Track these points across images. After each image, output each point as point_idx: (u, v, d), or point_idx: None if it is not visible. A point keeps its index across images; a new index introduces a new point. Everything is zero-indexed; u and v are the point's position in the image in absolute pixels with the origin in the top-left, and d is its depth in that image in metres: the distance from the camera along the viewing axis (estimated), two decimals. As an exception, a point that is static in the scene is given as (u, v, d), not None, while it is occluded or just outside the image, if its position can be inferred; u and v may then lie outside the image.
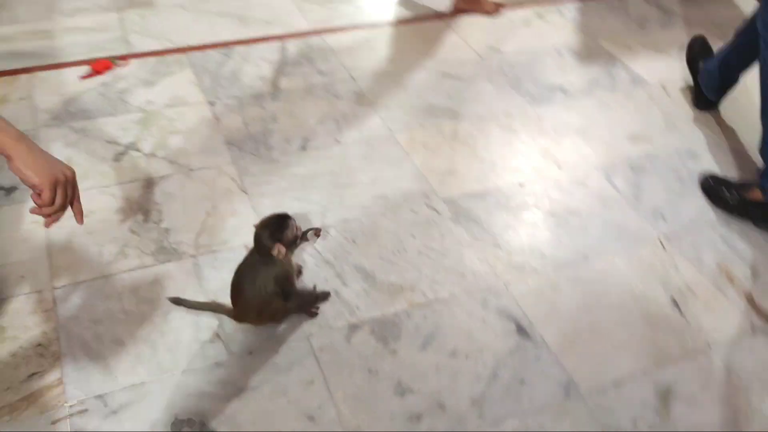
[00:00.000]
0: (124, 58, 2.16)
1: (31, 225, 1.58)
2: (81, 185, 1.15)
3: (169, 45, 2.24)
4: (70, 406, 1.24)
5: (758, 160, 1.80)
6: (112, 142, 1.83)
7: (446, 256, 1.60)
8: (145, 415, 1.24)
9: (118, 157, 1.79)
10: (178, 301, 1.42)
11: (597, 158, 1.93)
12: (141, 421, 1.23)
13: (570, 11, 2.65)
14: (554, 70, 2.29)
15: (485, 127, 2.01)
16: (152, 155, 1.80)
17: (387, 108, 2.05)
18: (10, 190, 1.66)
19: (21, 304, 1.40)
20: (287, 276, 1.35)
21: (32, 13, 2.33)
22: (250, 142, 1.88)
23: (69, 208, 1.13)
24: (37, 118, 1.89)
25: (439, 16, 2.53)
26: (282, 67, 2.19)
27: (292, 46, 2.30)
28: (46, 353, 1.32)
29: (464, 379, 1.34)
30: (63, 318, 1.38)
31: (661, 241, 1.68)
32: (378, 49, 2.33)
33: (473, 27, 2.50)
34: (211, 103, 2.01)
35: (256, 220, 1.32)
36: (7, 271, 1.46)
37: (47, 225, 1.12)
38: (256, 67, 2.18)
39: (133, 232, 1.59)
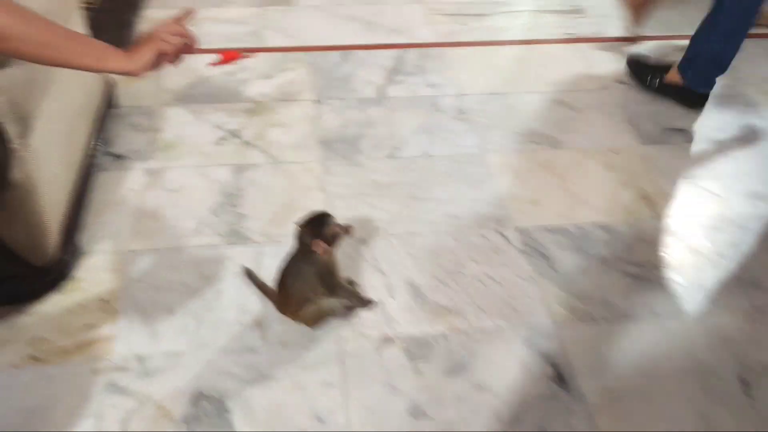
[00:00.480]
0: (252, 50, 2.30)
1: (128, 192, 1.74)
2: (184, 161, 1.28)
3: (295, 43, 2.36)
4: (112, 361, 1.35)
5: None
6: (218, 126, 1.97)
7: (503, 286, 1.55)
8: (174, 382, 1.32)
9: (219, 141, 1.92)
10: (249, 274, 1.51)
11: (701, 211, 1.77)
12: (168, 387, 1.31)
13: (718, 49, 2.44)
14: (682, 110, 2.12)
15: (584, 160, 1.92)
16: (249, 143, 1.91)
17: (486, 128, 2.02)
18: (119, 157, 1.84)
19: (99, 260, 1.55)
20: (330, 271, 1.39)
21: (186, 1, 2.55)
22: (341, 144, 1.93)
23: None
24: (161, 96, 2.08)
25: (576, 40, 2.45)
26: (393, 75, 2.22)
27: (410, 56, 2.32)
28: (107, 308, 1.45)
29: (484, 415, 1.30)
30: (129, 279, 1.51)
31: (749, 313, 1.51)
32: (497, 67, 2.30)
33: (602, 53, 2.38)
34: (317, 102, 2.09)
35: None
36: (95, 229, 1.63)
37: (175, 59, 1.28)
38: (369, 72, 2.23)
39: (212, 212, 1.70)
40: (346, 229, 1.37)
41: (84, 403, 1.28)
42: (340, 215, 1.38)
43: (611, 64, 2.33)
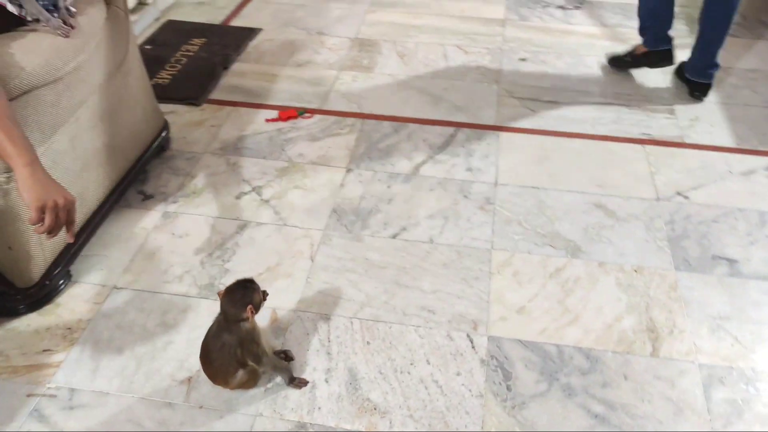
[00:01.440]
0: (311, 111, 2.39)
1: (140, 230, 1.86)
2: (200, 209, 1.35)
3: (355, 108, 2.41)
4: (48, 388, 1.45)
5: None
6: (246, 181, 2.06)
7: (445, 396, 1.44)
8: (88, 421, 1.39)
9: (240, 195, 2.00)
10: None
11: (712, 360, 1.54)
12: (82, 425, 1.38)
13: (820, 173, 2.13)
14: (736, 239, 1.87)
15: (599, 275, 1.75)
16: (266, 202, 1.98)
17: (506, 222, 1.91)
18: (147, 197, 1.98)
19: (83, 289, 1.68)
20: (254, 340, 1.38)
21: (273, 58, 2.71)
22: (351, 216, 1.93)
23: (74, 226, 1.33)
24: (211, 144, 2.21)
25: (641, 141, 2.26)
26: (436, 153, 2.19)
27: (462, 135, 2.28)
28: (69, 337, 1.56)
29: None
30: (100, 313, 1.62)
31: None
32: (548, 159, 2.18)
33: (675, 160, 2.17)
34: (349, 170, 2.11)
35: (302, 290, 1.38)
36: (95, 260, 1.76)
37: (47, 239, 1.32)
38: (413, 146, 2.22)
39: (201, 262, 1.77)
40: (265, 295, 1.38)
41: (6, 422, 1.38)
42: (317, 288, 1.38)
43: (680, 174, 2.11)
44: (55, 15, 1.51)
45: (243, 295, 1.35)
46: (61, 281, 1.67)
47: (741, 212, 1.97)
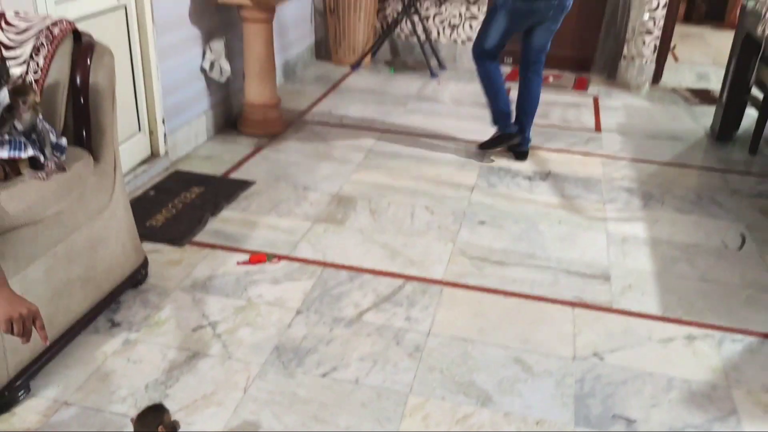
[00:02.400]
0: (279, 257, 2.67)
1: (100, 353, 2.10)
2: (159, 339, 1.65)
3: (320, 257, 2.69)
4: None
5: None
6: (205, 316, 2.30)
7: None
8: None
9: (197, 329, 2.24)
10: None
11: None
12: None
13: (735, 345, 2.27)
14: (639, 401, 2.01)
15: (502, 425, 1.89)
16: (218, 336, 2.21)
17: (429, 369, 2.10)
18: (114, 324, 2.23)
19: (38, 403, 1.90)
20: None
21: (259, 207, 3.06)
22: (290, 353, 2.14)
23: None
24: (183, 281, 2.49)
25: (573, 303, 2.46)
26: (382, 302, 2.42)
27: (409, 287, 2.51)
28: (13, 444, 1.76)
29: None
30: (47, 425, 1.82)
31: None
32: (482, 315, 2.38)
33: (599, 323, 2.35)
34: (299, 312, 2.35)
35: (228, 419, 1.58)
36: (53, 378, 1.98)
37: (22, 343, 1.58)
38: (363, 294, 2.46)
39: (146, 387, 1.98)
40: (177, 426, 1.56)
41: None
42: (242, 417, 1.57)
43: (600, 336, 2.29)
44: (45, 159, 1.86)
45: (154, 417, 1.55)
46: (21, 392, 1.89)
47: (650, 376, 2.12)
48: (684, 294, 2.56)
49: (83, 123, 2.09)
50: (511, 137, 3.67)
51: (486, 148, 3.71)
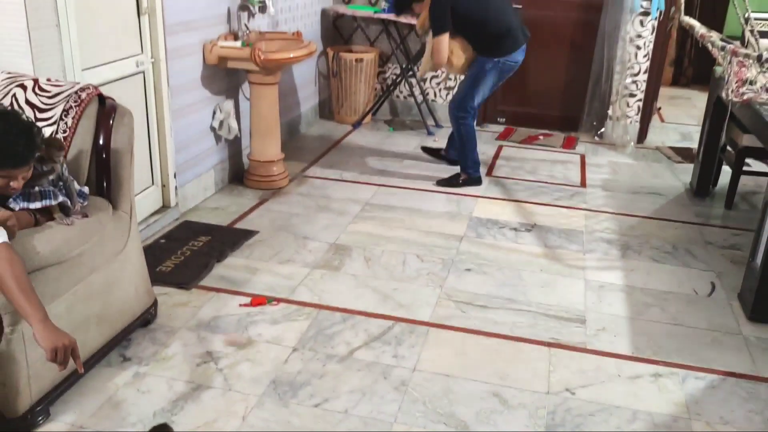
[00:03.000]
0: (278, 300, 2.88)
1: (112, 384, 2.30)
2: (166, 373, 2.01)
3: (316, 300, 2.90)
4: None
5: None
6: (209, 353, 2.51)
7: None
8: None
9: (201, 363, 2.44)
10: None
11: None
12: None
13: (698, 382, 2.45)
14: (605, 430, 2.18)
15: (478, 451, 2.07)
16: (220, 370, 2.41)
17: (413, 401, 2.28)
18: (126, 359, 2.44)
19: (56, 426, 2.09)
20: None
21: (261, 255, 3.29)
22: (286, 386, 2.33)
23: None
24: (189, 321, 2.70)
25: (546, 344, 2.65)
26: (372, 341, 2.62)
27: (398, 328, 2.71)
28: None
29: None
30: (61, 447, 2.01)
31: None
32: (464, 354, 2.57)
33: (573, 362, 2.53)
34: (295, 349, 2.55)
35: None
36: (71, 405, 2.18)
37: (59, 370, 1.81)
38: (354, 334, 2.66)
39: (154, 414, 2.17)
40: None
41: None
42: None
43: (573, 374, 2.47)
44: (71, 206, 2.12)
45: (165, 433, 1.75)
46: (40, 417, 2.09)
47: (617, 409, 2.30)
48: (654, 336, 2.74)
49: (104, 175, 2.35)
50: (479, 181, 4.29)
51: (446, 185, 4.26)
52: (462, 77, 4.37)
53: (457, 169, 4.36)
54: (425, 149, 4.87)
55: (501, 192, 4.25)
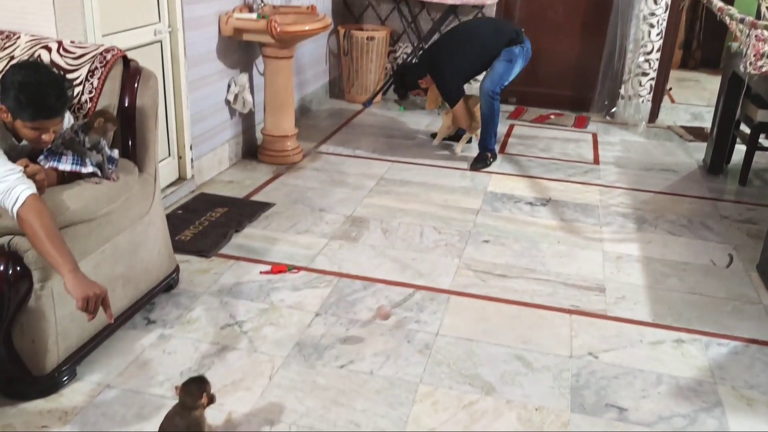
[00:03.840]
0: (298, 268, 2.89)
1: (138, 345, 2.31)
2: (191, 335, 2.10)
3: (336, 269, 2.90)
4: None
5: None
6: (232, 316, 2.52)
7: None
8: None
9: (225, 327, 2.45)
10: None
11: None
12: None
13: (720, 348, 2.46)
14: (631, 392, 2.20)
15: (504, 411, 2.08)
16: (244, 333, 2.41)
17: (437, 364, 2.29)
18: (150, 322, 2.45)
19: (83, 385, 2.10)
20: (199, 426, 1.76)
21: (278, 226, 3.29)
22: (311, 348, 2.34)
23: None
24: (211, 287, 2.70)
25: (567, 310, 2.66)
26: (394, 307, 2.62)
27: (419, 296, 2.72)
28: (64, 419, 1.96)
29: None
30: (91, 405, 2.02)
31: None
32: (486, 320, 2.58)
33: (594, 328, 2.54)
34: (317, 314, 2.55)
35: (256, 401, 1.78)
36: (97, 365, 2.19)
37: (88, 320, 1.81)
38: (376, 301, 2.66)
39: (181, 373, 2.18)
40: (213, 399, 1.77)
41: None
42: (268, 400, 1.80)
43: (595, 339, 2.48)
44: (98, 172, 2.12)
45: (198, 387, 1.76)
46: (66, 377, 2.09)
47: (641, 372, 2.31)
48: (673, 305, 2.75)
49: (130, 137, 2.34)
50: (496, 154, 4.41)
51: (482, 166, 4.26)
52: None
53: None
54: (441, 138, 4.73)
55: (515, 168, 4.25)
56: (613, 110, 5.33)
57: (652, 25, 5.07)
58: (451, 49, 4.21)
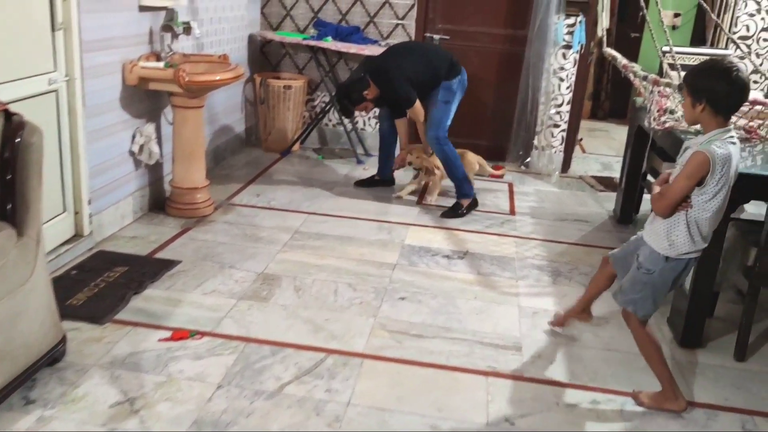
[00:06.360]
0: (202, 333, 2.70)
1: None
2: (74, 416, 1.63)
3: (243, 333, 2.73)
4: None
5: None
6: (123, 392, 2.30)
7: None
8: None
9: (114, 405, 2.23)
10: None
11: None
12: None
13: (635, 409, 2.43)
14: (550, 461, 2.12)
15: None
16: (135, 412, 2.21)
17: (347, 439, 2.15)
18: (29, 402, 2.20)
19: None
20: None
21: (184, 285, 3.09)
22: (209, 427, 2.16)
23: None
24: (102, 359, 2.48)
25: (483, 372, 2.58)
26: (303, 375, 2.47)
27: (331, 361, 2.58)
28: None
29: None
30: None
31: None
32: (401, 384, 2.47)
33: (511, 391, 2.47)
34: (220, 386, 2.37)
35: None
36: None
37: None
38: (284, 368, 2.51)
39: (60, 463, 1.95)
40: None
41: None
42: None
43: (512, 403, 2.41)
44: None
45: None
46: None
47: (557, 439, 2.24)
48: (589, 363, 2.72)
49: (9, 197, 2.14)
50: (476, 201, 4.41)
51: (453, 217, 4.28)
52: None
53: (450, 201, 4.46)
54: (359, 183, 4.79)
55: (432, 220, 4.21)
56: (528, 160, 5.42)
57: (561, 79, 5.22)
58: (394, 56, 4.28)
